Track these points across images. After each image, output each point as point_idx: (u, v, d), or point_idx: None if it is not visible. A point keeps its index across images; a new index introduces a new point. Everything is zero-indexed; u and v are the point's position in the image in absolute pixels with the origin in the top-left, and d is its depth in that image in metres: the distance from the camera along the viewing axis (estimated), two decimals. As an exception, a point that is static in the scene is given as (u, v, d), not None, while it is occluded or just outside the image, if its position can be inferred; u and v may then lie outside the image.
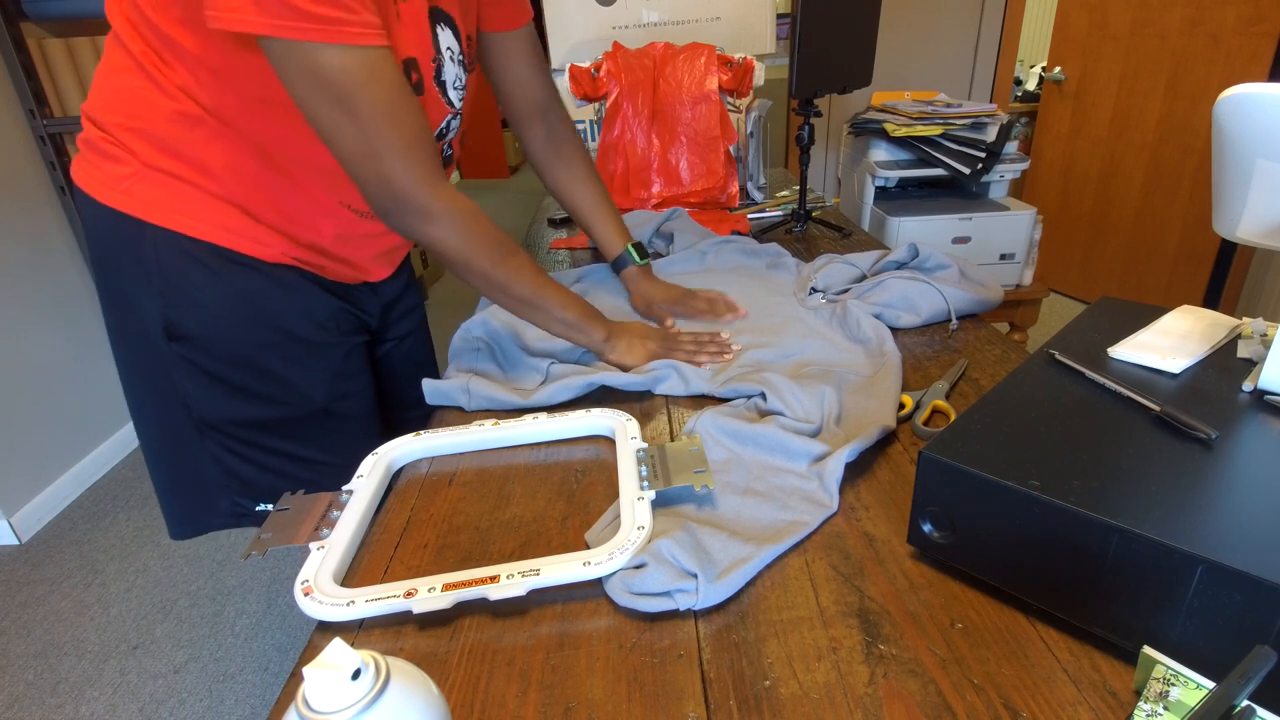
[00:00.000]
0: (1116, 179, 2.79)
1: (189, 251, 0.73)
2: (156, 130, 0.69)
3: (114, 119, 0.70)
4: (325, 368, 0.83)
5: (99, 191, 0.72)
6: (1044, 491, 0.44)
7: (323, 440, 0.84)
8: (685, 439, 0.65)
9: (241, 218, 0.73)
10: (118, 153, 0.71)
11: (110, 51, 0.70)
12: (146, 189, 0.71)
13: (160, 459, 0.84)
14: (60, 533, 1.96)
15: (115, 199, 0.72)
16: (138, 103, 0.69)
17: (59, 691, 1.46)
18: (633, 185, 1.46)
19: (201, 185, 0.71)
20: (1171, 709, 0.37)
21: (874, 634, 0.47)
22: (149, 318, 0.74)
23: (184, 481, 0.84)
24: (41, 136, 2.00)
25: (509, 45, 0.89)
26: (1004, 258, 1.78)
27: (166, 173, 0.71)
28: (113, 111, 0.70)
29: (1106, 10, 2.70)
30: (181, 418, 0.79)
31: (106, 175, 0.72)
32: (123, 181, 0.71)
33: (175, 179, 0.71)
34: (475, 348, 0.86)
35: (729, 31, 1.61)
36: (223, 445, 0.80)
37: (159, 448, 0.83)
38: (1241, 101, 0.61)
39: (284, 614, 1.64)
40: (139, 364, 0.79)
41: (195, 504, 0.85)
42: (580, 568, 0.51)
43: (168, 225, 0.72)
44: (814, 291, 0.97)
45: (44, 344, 2.04)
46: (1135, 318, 0.68)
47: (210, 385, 0.77)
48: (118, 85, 0.69)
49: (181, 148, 0.70)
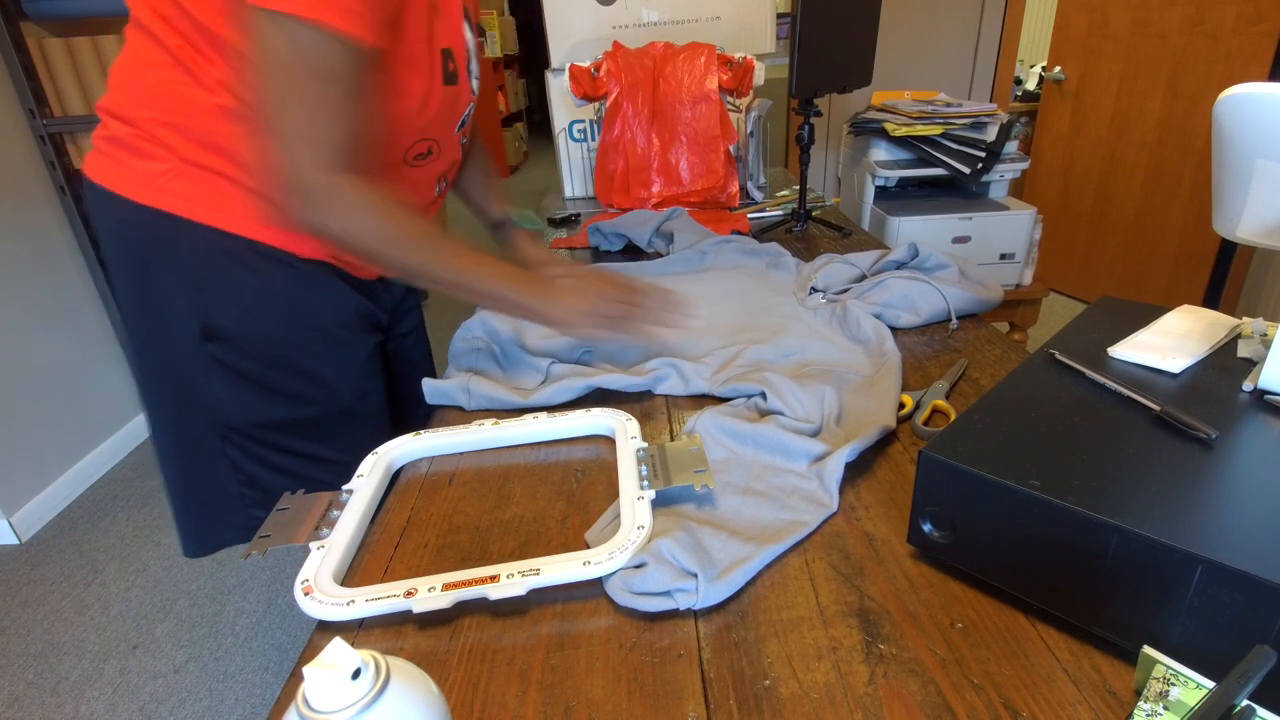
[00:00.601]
0: (1116, 179, 2.79)
1: (227, 249, 0.72)
2: (196, 125, 0.69)
3: (147, 114, 0.69)
4: (353, 364, 0.84)
5: (129, 189, 0.71)
6: (1044, 491, 0.44)
7: (342, 439, 0.84)
8: (685, 439, 0.65)
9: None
10: (151, 149, 0.70)
11: (136, 46, 0.68)
12: (184, 185, 0.70)
13: (177, 470, 0.84)
14: (60, 532, 1.96)
15: (149, 196, 0.70)
16: (174, 97, 0.68)
17: (59, 691, 1.46)
18: (633, 185, 1.46)
19: (239, 180, 0.71)
20: (1171, 709, 0.37)
21: (874, 634, 0.47)
22: (181, 319, 0.74)
23: (200, 495, 0.83)
24: (41, 136, 2.00)
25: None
26: (1004, 257, 1.78)
27: (204, 167, 0.70)
28: (145, 107, 0.69)
29: (1106, 10, 2.70)
30: (203, 425, 0.79)
31: (138, 172, 0.70)
32: (158, 178, 0.70)
33: (213, 173, 0.70)
34: (475, 347, 0.86)
35: (729, 31, 1.61)
36: (244, 451, 0.80)
37: (176, 458, 0.83)
38: (1241, 101, 0.61)
39: (284, 613, 1.64)
40: (162, 369, 0.78)
41: (210, 519, 0.84)
42: (580, 567, 0.51)
43: (206, 221, 0.71)
44: (814, 291, 0.97)
45: (44, 344, 2.04)
46: (1135, 317, 0.68)
47: (241, 386, 0.77)
48: (149, 80, 0.68)
49: (221, 141, 0.69)
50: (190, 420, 0.79)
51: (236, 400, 0.78)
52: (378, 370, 0.89)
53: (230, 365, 0.76)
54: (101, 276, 2.18)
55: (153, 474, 2.19)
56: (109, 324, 2.26)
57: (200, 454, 0.80)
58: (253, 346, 0.76)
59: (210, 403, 0.77)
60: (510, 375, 0.82)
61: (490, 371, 0.83)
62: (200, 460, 0.81)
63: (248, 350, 0.76)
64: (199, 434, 0.79)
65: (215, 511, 0.83)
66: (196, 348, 0.74)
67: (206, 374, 0.76)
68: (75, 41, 1.96)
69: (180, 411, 0.79)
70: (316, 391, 0.81)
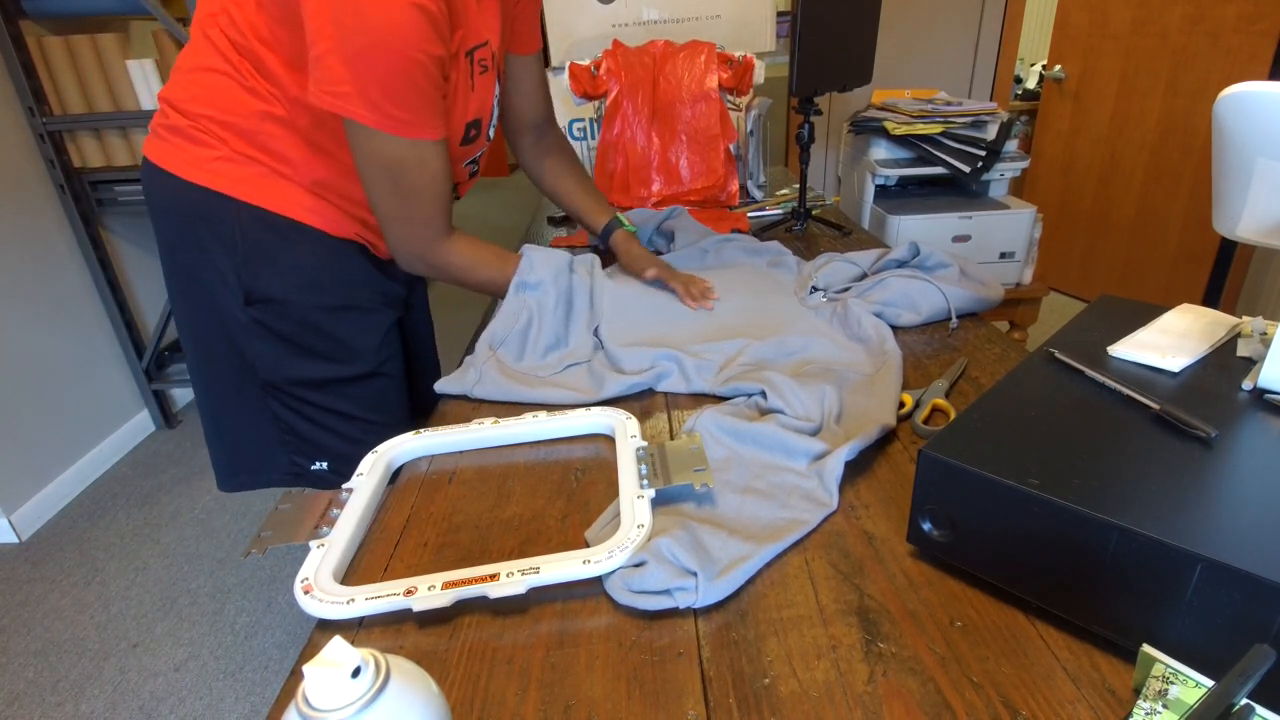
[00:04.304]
0: (1116, 177, 2.79)
1: (269, 224, 0.82)
2: (243, 125, 0.79)
3: (202, 110, 0.79)
4: (376, 332, 0.93)
5: (183, 169, 0.80)
6: (1043, 490, 0.44)
7: (371, 399, 0.94)
8: (685, 437, 0.65)
9: (314, 199, 0.84)
10: (206, 139, 0.80)
11: (199, 49, 0.78)
12: (233, 169, 0.80)
13: (222, 418, 0.92)
14: (60, 531, 1.96)
15: (202, 176, 0.80)
16: (227, 99, 0.78)
17: (59, 689, 1.46)
18: (633, 184, 1.46)
19: (281, 172, 0.81)
20: (1170, 707, 0.37)
21: (873, 632, 0.47)
22: (227, 285, 0.83)
23: (244, 439, 0.92)
24: (41, 135, 2.00)
25: (523, 67, 1.03)
26: (1004, 256, 1.77)
27: (251, 159, 0.80)
28: (201, 104, 0.79)
29: (1107, 9, 2.70)
30: (248, 380, 0.87)
31: (193, 156, 0.80)
32: (211, 162, 0.80)
33: (259, 164, 0.80)
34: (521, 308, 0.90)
35: (729, 29, 1.61)
36: (283, 404, 0.89)
37: (222, 408, 0.92)
38: (1241, 100, 0.61)
39: (284, 612, 1.64)
40: (212, 329, 0.86)
41: (254, 460, 0.93)
42: (580, 566, 0.52)
43: (251, 200, 0.81)
44: (815, 290, 0.97)
45: (44, 343, 2.04)
46: (1135, 316, 0.68)
47: (280, 346, 0.86)
48: (208, 82, 0.78)
49: (265, 141, 0.80)
50: (236, 374, 0.87)
51: (276, 358, 0.87)
52: (397, 338, 0.99)
53: (270, 327, 0.85)
54: (101, 275, 2.18)
55: (153, 473, 2.19)
56: (109, 323, 2.26)
57: (246, 405, 0.89)
58: (291, 311, 0.85)
59: (252, 360, 0.86)
60: (534, 352, 0.87)
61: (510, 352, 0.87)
62: (246, 411, 0.90)
63: (287, 315, 0.85)
64: (244, 387, 0.88)
65: (259, 454, 0.92)
66: (241, 310, 0.83)
67: (248, 334, 0.85)
68: (74, 40, 1.95)
69: (227, 366, 0.87)
70: (344, 354, 0.90)
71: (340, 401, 0.91)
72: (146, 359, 2.32)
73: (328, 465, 0.92)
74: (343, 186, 0.84)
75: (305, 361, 0.88)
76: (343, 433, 0.92)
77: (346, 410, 0.92)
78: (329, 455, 0.92)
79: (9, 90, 1.95)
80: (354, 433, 0.92)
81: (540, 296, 0.91)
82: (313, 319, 0.87)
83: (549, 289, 0.91)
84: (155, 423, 2.44)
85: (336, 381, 0.90)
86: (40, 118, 1.98)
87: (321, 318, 0.87)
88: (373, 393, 0.94)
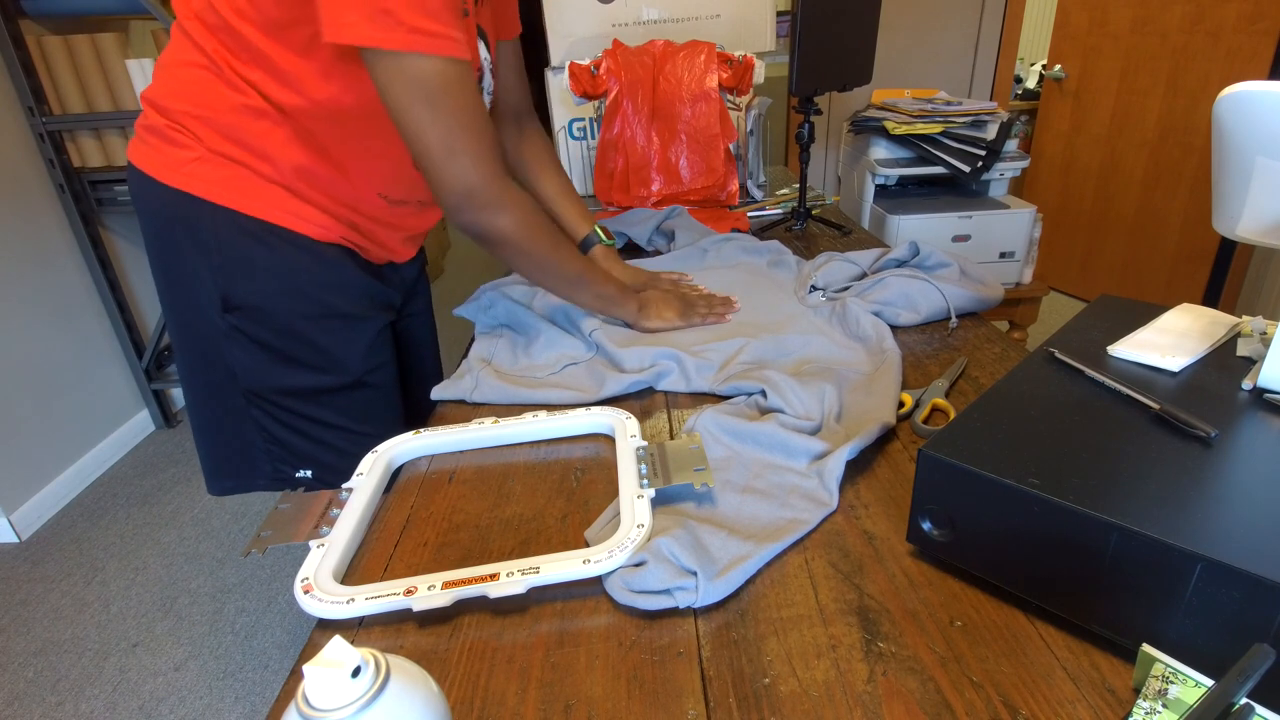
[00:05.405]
0: (1116, 177, 2.79)
1: (246, 229, 0.79)
2: (221, 119, 0.76)
3: (180, 106, 0.76)
4: (362, 341, 0.89)
5: (160, 173, 0.78)
6: (1043, 489, 0.44)
7: (356, 410, 0.91)
8: (685, 437, 0.65)
9: (294, 200, 0.80)
10: (181, 138, 0.77)
11: (177, 45, 0.76)
12: (208, 171, 0.77)
13: (207, 423, 0.90)
14: (60, 530, 1.96)
15: (177, 180, 0.77)
16: (204, 93, 0.75)
17: (59, 689, 1.47)
18: (632, 183, 1.46)
19: (260, 171, 0.78)
20: (1170, 707, 0.37)
21: (873, 632, 0.47)
22: (205, 291, 0.80)
23: (229, 445, 0.90)
24: (40, 134, 2.00)
25: (501, 52, 0.97)
26: (1004, 256, 1.78)
27: (228, 158, 0.77)
28: (178, 99, 0.76)
29: (1107, 8, 2.70)
30: (230, 386, 0.85)
31: (168, 158, 0.77)
32: (185, 165, 0.77)
33: (236, 164, 0.77)
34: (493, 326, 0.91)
35: (729, 29, 1.61)
36: (268, 413, 0.86)
37: (207, 413, 0.89)
38: (1241, 99, 0.61)
39: (284, 612, 1.64)
40: (192, 335, 0.84)
41: (239, 466, 0.91)
42: (580, 565, 0.52)
43: (227, 204, 0.78)
44: (814, 289, 0.97)
45: (44, 342, 2.04)
46: (1135, 316, 0.68)
47: (259, 354, 0.83)
48: (185, 77, 0.75)
49: (243, 136, 0.76)
50: (219, 381, 0.85)
51: (256, 367, 0.84)
52: (388, 346, 0.95)
53: (249, 335, 0.82)
54: (101, 274, 2.18)
55: (152, 473, 2.19)
56: (109, 322, 2.26)
57: (229, 412, 0.87)
58: (269, 320, 0.82)
59: (232, 367, 0.84)
60: (528, 352, 0.87)
61: (504, 354, 0.87)
62: (229, 419, 0.87)
63: (265, 323, 0.82)
64: (226, 394, 0.86)
65: (244, 461, 0.90)
66: (219, 317, 0.81)
67: (228, 341, 0.82)
68: (74, 39, 1.95)
69: (210, 372, 0.85)
70: (327, 363, 0.87)
71: (324, 411, 0.88)
72: (146, 358, 2.32)
73: (312, 474, 0.89)
74: (328, 178, 0.80)
75: (287, 370, 0.85)
76: (327, 442, 0.89)
77: (331, 420, 0.89)
78: (313, 464, 0.89)
79: (9, 90, 1.95)
80: (339, 442, 0.89)
81: (506, 309, 0.92)
82: (295, 327, 0.84)
83: (502, 302, 0.93)
84: (155, 422, 2.44)
85: (320, 391, 0.87)
86: (40, 117, 1.98)
87: (304, 326, 0.84)
88: (358, 403, 0.91)
